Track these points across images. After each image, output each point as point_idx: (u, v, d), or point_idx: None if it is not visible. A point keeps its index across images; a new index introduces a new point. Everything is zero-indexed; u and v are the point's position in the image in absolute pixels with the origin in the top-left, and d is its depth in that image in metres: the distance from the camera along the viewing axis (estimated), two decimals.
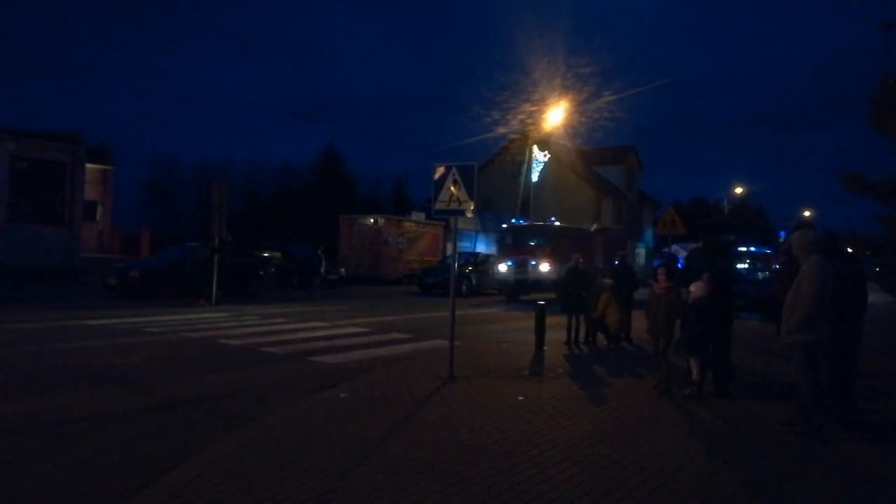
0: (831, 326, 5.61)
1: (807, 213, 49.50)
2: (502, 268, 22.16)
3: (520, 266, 21.52)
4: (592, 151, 45.11)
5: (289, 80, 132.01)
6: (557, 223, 23.73)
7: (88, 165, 26.18)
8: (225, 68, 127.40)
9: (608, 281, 11.04)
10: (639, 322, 10.84)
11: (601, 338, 11.16)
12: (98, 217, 29.86)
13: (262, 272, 21.34)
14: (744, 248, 37.07)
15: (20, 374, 7.69)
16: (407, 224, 30.43)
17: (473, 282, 24.25)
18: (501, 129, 30.55)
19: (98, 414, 5.96)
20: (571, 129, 32.83)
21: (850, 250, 9.91)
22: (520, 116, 30.09)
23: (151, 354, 9.21)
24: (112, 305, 15.58)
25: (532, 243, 22.11)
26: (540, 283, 20.88)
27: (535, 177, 35.94)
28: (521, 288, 21.80)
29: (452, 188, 7.70)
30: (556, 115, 31.50)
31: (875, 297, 10.55)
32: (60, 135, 24.32)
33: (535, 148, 35.41)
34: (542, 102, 30.04)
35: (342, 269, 26.45)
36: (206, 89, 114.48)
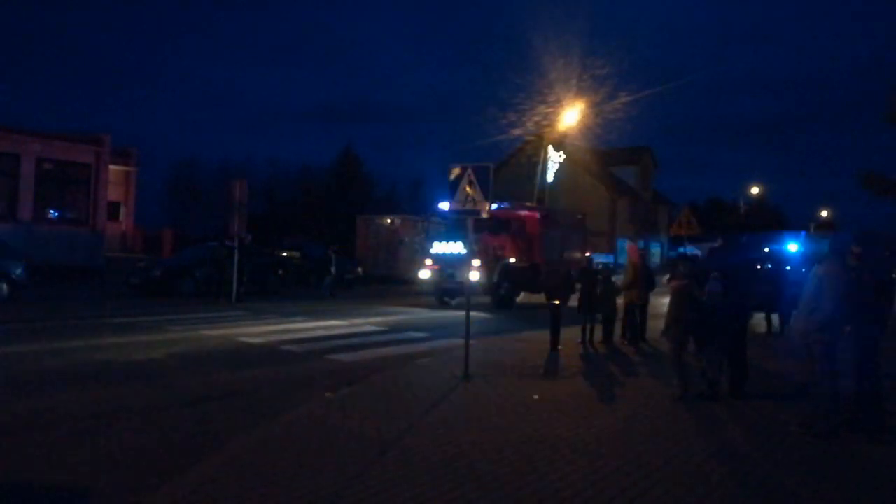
0: (854, 327, 5.57)
1: (824, 213, 48.67)
2: None
3: None
4: (608, 152, 44.86)
5: (309, 83, 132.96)
6: None
7: (112, 166, 26.58)
8: (247, 71, 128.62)
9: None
10: (654, 322, 10.86)
11: (617, 337, 11.16)
12: (121, 217, 30.31)
13: (280, 271, 21.58)
14: None
15: (49, 370, 7.90)
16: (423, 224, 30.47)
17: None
18: (517, 131, 30.39)
19: (122, 410, 6.12)
20: (587, 129, 32.64)
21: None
22: (535, 117, 29.94)
23: (173, 352, 9.39)
24: (135, 304, 15.84)
25: None
26: None
27: (550, 177, 35.87)
28: None
29: (468, 188, 7.79)
30: (571, 115, 31.40)
31: None
32: (85, 136, 24.78)
33: (550, 148, 35.35)
34: (557, 103, 29.90)
35: (359, 269, 26.57)
36: (229, 92, 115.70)
